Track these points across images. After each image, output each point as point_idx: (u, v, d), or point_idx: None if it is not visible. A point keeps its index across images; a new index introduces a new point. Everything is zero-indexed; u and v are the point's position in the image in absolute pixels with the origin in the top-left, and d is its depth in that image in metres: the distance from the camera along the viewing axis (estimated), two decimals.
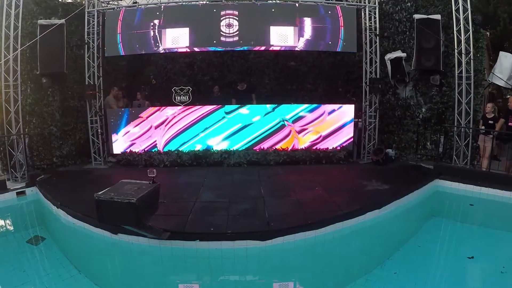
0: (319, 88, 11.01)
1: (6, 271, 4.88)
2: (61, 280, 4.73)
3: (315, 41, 9.01)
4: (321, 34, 8.96)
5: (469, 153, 8.33)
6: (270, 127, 9.31)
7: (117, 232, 5.12)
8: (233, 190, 7.10)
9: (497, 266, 4.85)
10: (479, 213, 7.03)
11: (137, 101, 10.02)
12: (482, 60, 8.70)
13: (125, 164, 9.11)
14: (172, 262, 5.09)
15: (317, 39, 9.00)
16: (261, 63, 11.04)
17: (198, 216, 5.67)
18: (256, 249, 4.99)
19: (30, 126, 8.59)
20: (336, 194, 6.66)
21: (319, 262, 5.31)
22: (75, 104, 9.35)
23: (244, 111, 9.24)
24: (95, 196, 4.17)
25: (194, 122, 9.22)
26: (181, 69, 11.09)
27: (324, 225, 5.42)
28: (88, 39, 8.83)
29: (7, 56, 7.66)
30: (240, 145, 9.29)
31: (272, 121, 9.28)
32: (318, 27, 8.92)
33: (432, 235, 6.17)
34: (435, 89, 9.11)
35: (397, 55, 9.16)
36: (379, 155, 9.03)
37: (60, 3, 9.30)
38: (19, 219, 6.90)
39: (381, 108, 9.60)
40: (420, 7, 9.29)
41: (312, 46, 9.20)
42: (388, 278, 4.73)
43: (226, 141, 9.32)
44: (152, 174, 4.58)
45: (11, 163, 7.88)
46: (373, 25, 9.21)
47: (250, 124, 9.27)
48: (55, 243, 5.86)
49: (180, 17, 8.84)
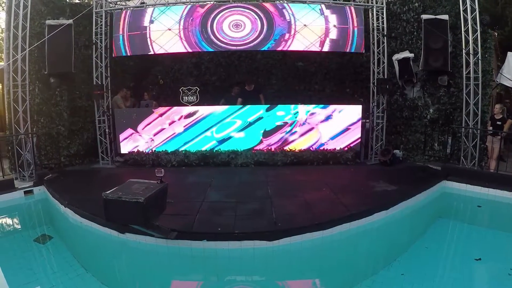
0: (327, 89, 10.97)
1: (13, 269, 4.90)
2: (68, 279, 4.72)
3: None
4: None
5: (477, 154, 8.26)
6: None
7: (125, 232, 5.14)
8: (241, 190, 7.10)
9: (505, 268, 4.77)
10: (486, 215, 6.99)
11: (145, 101, 10.07)
12: (490, 61, 8.62)
13: (132, 163, 9.14)
14: (179, 261, 5.10)
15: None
16: (269, 63, 11.01)
17: (206, 216, 5.67)
18: (263, 249, 4.99)
19: (38, 126, 8.64)
20: (344, 195, 6.64)
21: (326, 263, 5.28)
22: (83, 104, 9.40)
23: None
24: (103, 195, 4.18)
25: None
26: (189, 69, 11.08)
27: (331, 226, 5.41)
28: (96, 39, 8.89)
29: (16, 56, 7.71)
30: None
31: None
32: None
33: (439, 237, 6.13)
34: (443, 90, 9.05)
35: (405, 56, 9.12)
36: (387, 156, 8.99)
37: (68, 3, 9.35)
38: (26, 218, 6.96)
39: (388, 109, 9.55)
40: (427, 7, 9.23)
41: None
42: (395, 279, 4.69)
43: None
44: (160, 174, 4.58)
45: (19, 162, 7.93)
46: (380, 26, 9.17)
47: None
48: (62, 242, 5.87)
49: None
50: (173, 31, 8.81)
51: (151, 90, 10.92)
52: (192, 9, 8.83)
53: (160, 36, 8.81)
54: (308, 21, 8.85)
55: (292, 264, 5.20)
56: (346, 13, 8.94)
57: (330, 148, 9.30)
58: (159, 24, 8.80)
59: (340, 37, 9.00)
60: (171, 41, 8.84)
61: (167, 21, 8.81)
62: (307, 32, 8.89)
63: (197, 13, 8.84)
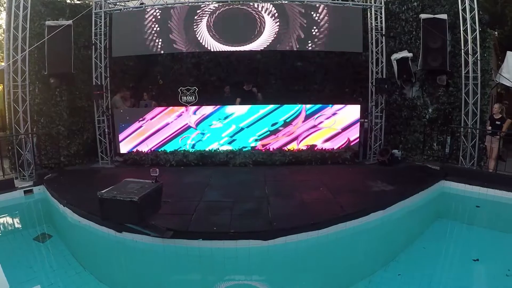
0: (326, 89, 10.98)
1: (14, 267, 4.99)
2: (66, 277, 4.80)
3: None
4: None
5: (475, 154, 8.26)
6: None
7: (122, 231, 5.16)
8: (238, 190, 7.12)
9: (503, 269, 4.79)
10: (485, 215, 6.97)
11: (144, 101, 10.09)
12: (489, 60, 8.61)
13: (131, 163, 9.18)
14: (175, 260, 5.12)
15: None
16: (268, 63, 11.05)
17: (202, 215, 5.69)
18: (258, 249, 5.00)
19: (38, 126, 8.71)
20: (341, 195, 6.64)
21: (322, 263, 5.28)
22: (82, 104, 9.46)
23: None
24: (98, 195, 4.22)
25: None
26: (188, 69, 11.13)
27: (327, 226, 5.41)
28: (95, 39, 8.93)
29: (16, 57, 7.76)
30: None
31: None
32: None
33: (437, 237, 6.15)
34: (442, 90, 9.05)
35: (404, 55, 9.13)
36: (385, 156, 8.99)
37: (68, 4, 9.43)
38: (26, 217, 7.04)
39: (387, 109, 9.57)
40: (426, 7, 9.24)
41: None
42: (392, 280, 4.71)
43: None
44: (155, 174, 4.62)
45: (19, 162, 7.99)
46: (379, 25, 9.18)
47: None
48: (61, 240, 5.96)
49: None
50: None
51: (150, 90, 10.97)
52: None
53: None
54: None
55: (288, 263, 5.20)
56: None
57: (328, 147, 9.31)
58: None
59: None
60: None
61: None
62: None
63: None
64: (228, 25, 9.03)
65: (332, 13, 9.02)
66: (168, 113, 9.26)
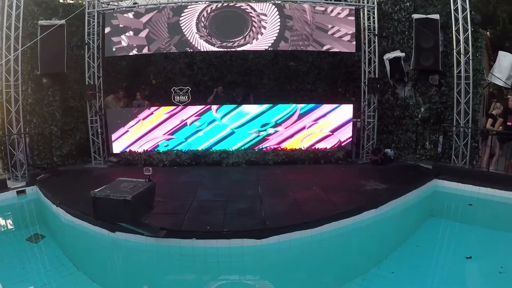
0: (319, 88, 11.03)
1: (6, 268, 4.96)
2: (60, 277, 4.79)
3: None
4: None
5: (468, 153, 8.32)
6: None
7: (115, 230, 5.16)
8: (231, 189, 7.12)
9: (495, 267, 4.85)
10: (477, 213, 7.00)
11: (137, 101, 10.04)
12: (481, 60, 8.66)
13: (124, 163, 9.15)
14: (169, 260, 5.12)
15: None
16: (260, 63, 11.07)
17: (195, 214, 5.69)
18: (252, 248, 5.01)
19: (30, 126, 8.65)
20: (334, 194, 6.66)
21: (315, 261, 5.30)
22: (75, 104, 9.42)
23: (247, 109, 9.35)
24: (91, 194, 4.21)
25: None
26: (181, 69, 11.12)
27: (320, 224, 5.43)
28: (88, 39, 8.89)
29: (8, 56, 7.73)
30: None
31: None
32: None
33: (430, 235, 6.20)
34: (434, 89, 9.10)
35: (396, 55, 9.17)
36: (378, 155, 9.02)
37: (61, 4, 9.36)
38: (19, 218, 6.99)
39: (380, 108, 9.62)
40: (419, 7, 9.27)
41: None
42: (386, 277, 4.75)
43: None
44: (148, 172, 4.61)
45: (12, 162, 7.95)
46: (372, 25, 9.23)
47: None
48: (54, 241, 5.95)
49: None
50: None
51: (143, 90, 10.93)
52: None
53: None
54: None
55: (281, 262, 5.22)
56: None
57: (321, 147, 9.33)
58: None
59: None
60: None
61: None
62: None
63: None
64: (219, 25, 9.01)
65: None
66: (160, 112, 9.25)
